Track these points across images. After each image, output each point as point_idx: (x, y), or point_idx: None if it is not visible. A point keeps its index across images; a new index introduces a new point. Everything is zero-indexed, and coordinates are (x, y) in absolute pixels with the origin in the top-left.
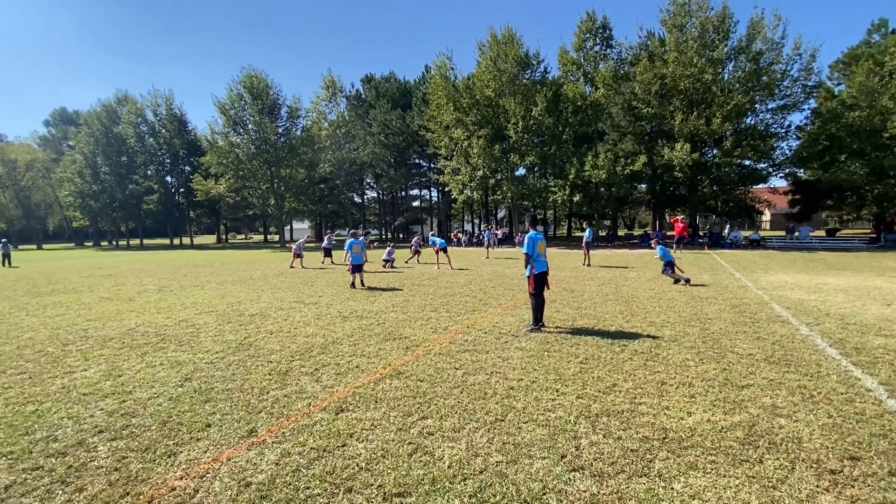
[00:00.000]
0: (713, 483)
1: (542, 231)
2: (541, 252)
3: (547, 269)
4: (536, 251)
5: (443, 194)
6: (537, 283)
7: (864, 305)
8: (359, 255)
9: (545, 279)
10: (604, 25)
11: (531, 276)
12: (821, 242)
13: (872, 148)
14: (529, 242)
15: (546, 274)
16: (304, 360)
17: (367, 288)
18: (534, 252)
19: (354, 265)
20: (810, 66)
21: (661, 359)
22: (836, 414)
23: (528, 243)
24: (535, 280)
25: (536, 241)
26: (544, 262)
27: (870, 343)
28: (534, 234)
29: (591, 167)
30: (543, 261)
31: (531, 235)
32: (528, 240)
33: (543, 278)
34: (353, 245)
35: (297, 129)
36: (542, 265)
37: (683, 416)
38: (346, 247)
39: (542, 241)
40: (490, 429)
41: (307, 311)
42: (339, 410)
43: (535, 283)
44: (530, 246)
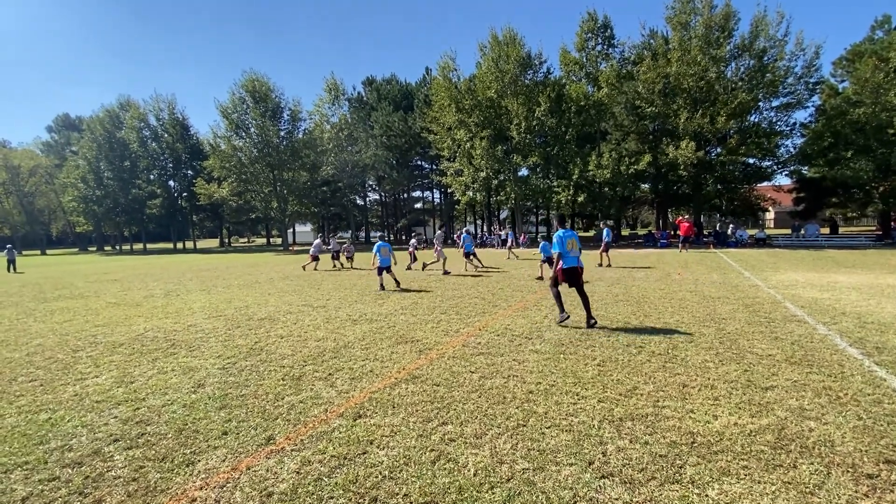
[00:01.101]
0: (749, 490)
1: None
2: (569, 249)
3: (578, 265)
4: (566, 248)
5: (445, 196)
6: (565, 277)
7: (879, 304)
8: (387, 258)
9: (574, 273)
10: (605, 25)
11: (559, 271)
12: (827, 240)
13: (879, 144)
14: (558, 241)
15: (576, 269)
16: (316, 364)
17: (400, 290)
18: (563, 249)
19: (382, 267)
20: (814, 63)
21: (679, 360)
22: (866, 416)
23: (556, 242)
24: (564, 274)
25: (566, 238)
26: (574, 259)
27: (891, 342)
28: (562, 232)
29: (595, 167)
30: (573, 257)
31: (559, 234)
32: (556, 238)
33: (572, 272)
34: (382, 248)
35: (300, 131)
36: (571, 261)
37: (709, 419)
38: (374, 250)
39: (573, 237)
40: (513, 434)
41: (316, 315)
42: (357, 416)
43: (562, 277)
44: (560, 244)
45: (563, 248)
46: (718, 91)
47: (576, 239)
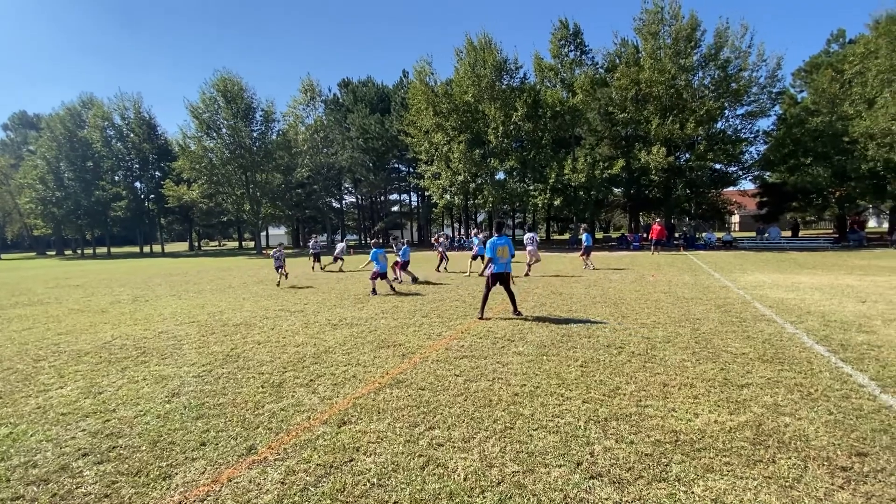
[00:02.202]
0: (732, 485)
1: (508, 236)
2: (499, 255)
3: (505, 271)
4: (496, 254)
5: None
6: (493, 281)
7: (840, 303)
8: (384, 263)
9: (501, 277)
10: (576, 32)
11: (489, 275)
12: (789, 243)
13: (835, 152)
14: (491, 247)
15: (503, 274)
16: (297, 370)
17: (395, 293)
18: (493, 255)
19: (380, 273)
20: (775, 73)
21: (659, 360)
22: (836, 410)
23: (489, 247)
24: (492, 277)
25: (497, 245)
26: (502, 265)
27: (853, 339)
28: (496, 239)
29: (571, 171)
30: (501, 263)
31: (493, 241)
32: (489, 244)
33: (499, 276)
34: (380, 254)
35: (273, 133)
36: (500, 266)
37: (691, 417)
38: (371, 256)
39: (504, 245)
40: (501, 437)
41: (294, 320)
42: (342, 423)
43: (491, 280)
44: (491, 250)
45: (493, 254)
46: (687, 99)
47: (508, 246)
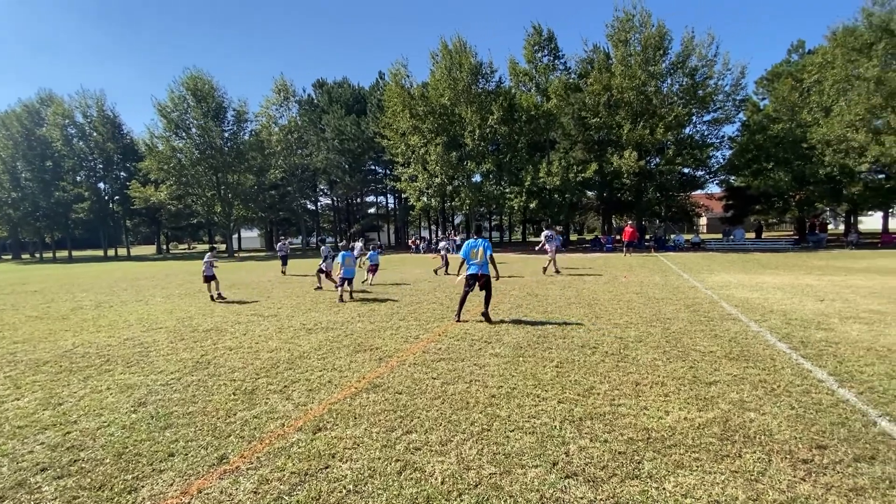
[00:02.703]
0: (701, 480)
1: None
2: (472, 257)
3: (478, 272)
4: (469, 256)
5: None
6: (467, 283)
7: (801, 302)
8: (351, 268)
9: (475, 278)
10: (550, 38)
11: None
12: (753, 244)
13: (795, 157)
14: (466, 249)
15: (476, 275)
16: (270, 377)
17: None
18: (467, 257)
19: (345, 278)
20: (739, 81)
21: (631, 360)
22: (798, 405)
23: (464, 249)
24: (467, 278)
25: (473, 247)
26: (476, 266)
27: (812, 337)
28: (472, 241)
29: (546, 174)
30: (475, 264)
31: (469, 243)
32: (465, 246)
33: (473, 277)
34: (346, 257)
35: (245, 133)
36: (473, 268)
37: (662, 415)
38: (338, 259)
39: (479, 247)
40: (478, 440)
41: (267, 325)
42: (317, 429)
43: (466, 282)
44: (465, 252)
45: (466, 255)
46: (657, 105)
47: (483, 248)
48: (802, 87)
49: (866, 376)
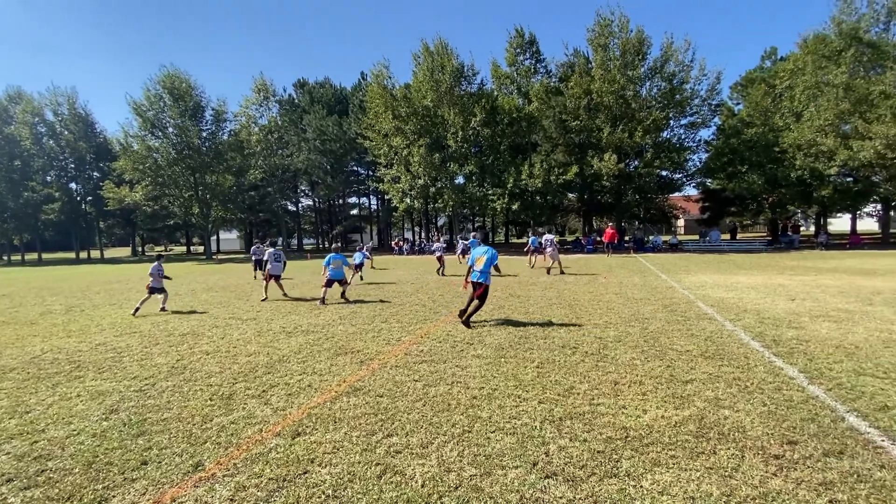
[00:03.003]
0: (677, 477)
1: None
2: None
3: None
4: (474, 262)
5: (383, 202)
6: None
7: (773, 301)
8: (339, 270)
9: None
10: (531, 41)
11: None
12: (728, 245)
13: (767, 161)
14: (472, 255)
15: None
16: (248, 381)
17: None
18: (472, 263)
19: (333, 279)
20: (715, 87)
21: (610, 359)
22: (770, 402)
23: (471, 256)
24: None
25: (479, 255)
26: (475, 274)
27: (784, 335)
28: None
29: (528, 176)
30: (476, 271)
31: (476, 250)
32: (472, 253)
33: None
34: (333, 259)
35: (224, 133)
36: (474, 275)
37: (640, 413)
38: (324, 262)
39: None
40: (459, 441)
41: (246, 328)
42: (296, 434)
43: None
44: (472, 258)
45: (472, 262)
46: (635, 108)
47: (487, 257)
48: (775, 92)
49: (835, 373)
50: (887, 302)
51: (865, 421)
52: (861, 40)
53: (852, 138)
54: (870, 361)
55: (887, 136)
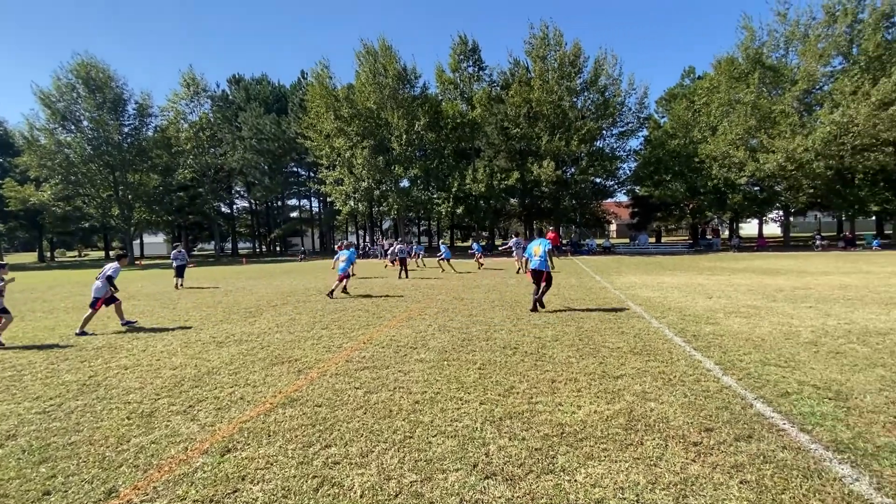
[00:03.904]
0: (608, 469)
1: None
2: (534, 253)
3: (537, 268)
4: (531, 253)
5: (325, 204)
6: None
7: (694, 300)
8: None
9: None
10: (474, 49)
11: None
12: (655, 248)
13: (688, 170)
14: (530, 247)
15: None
16: (173, 396)
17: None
18: (529, 254)
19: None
20: (643, 100)
21: (548, 358)
22: (690, 393)
23: (530, 247)
24: (531, 273)
25: (533, 245)
26: (536, 261)
27: (703, 331)
28: (535, 240)
29: (471, 181)
30: (536, 260)
31: (533, 242)
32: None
33: (535, 273)
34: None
35: (149, 128)
36: (534, 263)
37: (575, 409)
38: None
39: (538, 245)
40: (400, 448)
41: (171, 339)
42: (225, 451)
43: (529, 275)
44: (528, 250)
45: (530, 253)
46: (572, 119)
47: (543, 247)
48: (694, 107)
49: (745, 364)
50: (788, 298)
51: (770, 406)
52: (764, 64)
53: (759, 151)
54: (773, 352)
55: (787, 150)
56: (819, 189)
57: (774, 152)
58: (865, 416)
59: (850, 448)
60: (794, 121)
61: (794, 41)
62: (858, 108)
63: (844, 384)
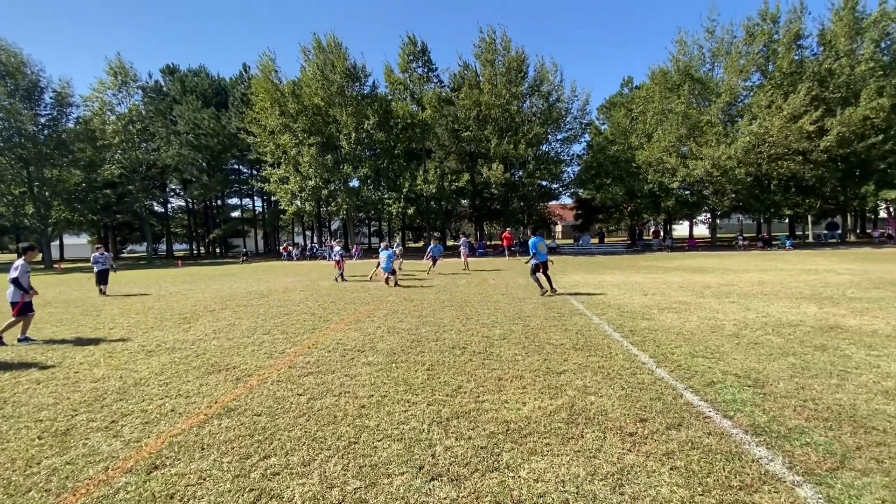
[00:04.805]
0: (551, 464)
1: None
2: (542, 250)
3: (546, 259)
4: (539, 249)
5: (269, 204)
6: (540, 268)
7: (631, 297)
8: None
9: (545, 265)
10: (423, 50)
11: (536, 264)
12: (597, 248)
13: (626, 175)
14: (533, 243)
15: (545, 262)
16: (93, 412)
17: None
18: (537, 250)
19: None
20: (585, 107)
21: (495, 356)
22: (627, 386)
23: (532, 244)
24: (537, 267)
25: (537, 242)
26: (544, 255)
27: (639, 326)
28: (536, 238)
29: (423, 182)
30: (543, 253)
31: (534, 240)
32: (532, 242)
33: (544, 265)
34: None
35: (70, 120)
36: (542, 256)
37: (520, 406)
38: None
39: (542, 242)
40: (343, 454)
41: (93, 349)
42: (152, 468)
43: (534, 268)
44: (534, 245)
45: (535, 248)
46: (519, 123)
47: (543, 242)
48: (632, 115)
49: (676, 356)
50: (714, 294)
51: (697, 396)
52: (693, 77)
53: (689, 158)
54: (701, 345)
55: (713, 157)
56: (741, 194)
57: (702, 159)
58: (779, 401)
59: (766, 431)
60: (719, 130)
61: (719, 57)
62: (773, 120)
63: (761, 372)
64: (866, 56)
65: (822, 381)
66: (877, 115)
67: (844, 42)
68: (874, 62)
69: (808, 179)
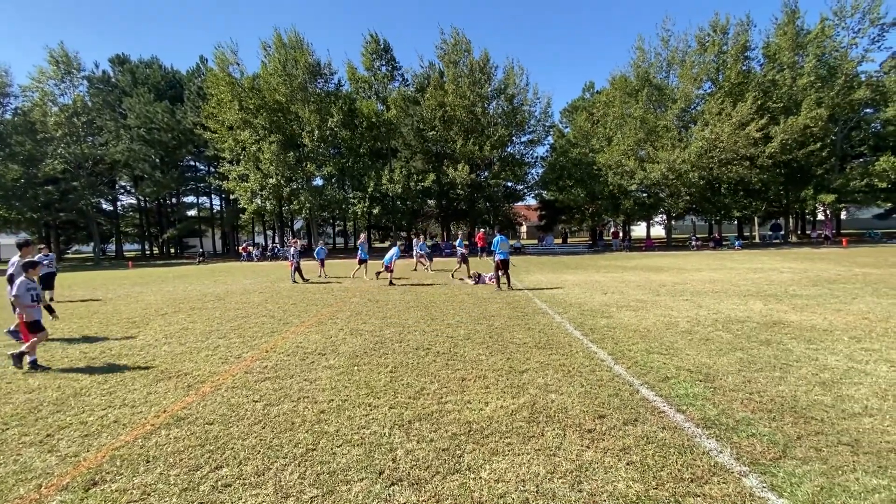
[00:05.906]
0: (511, 463)
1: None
2: (503, 248)
3: (507, 258)
4: (500, 248)
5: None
6: (500, 266)
7: (591, 296)
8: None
9: (506, 263)
10: (386, 48)
11: (497, 262)
12: (560, 248)
13: (588, 177)
14: (495, 242)
15: (506, 260)
16: (25, 425)
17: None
18: (497, 248)
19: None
20: (547, 110)
21: (459, 357)
22: (586, 383)
23: (494, 242)
24: (499, 264)
25: (500, 241)
26: (504, 253)
27: (598, 324)
28: (499, 237)
29: (388, 181)
30: (504, 252)
31: (497, 238)
32: (495, 241)
33: (504, 262)
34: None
35: (7, 111)
36: (503, 254)
37: (482, 406)
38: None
39: (505, 241)
40: (301, 462)
41: (26, 358)
42: (91, 485)
43: (498, 266)
44: (496, 244)
45: (496, 247)
46: (484, 124)
47: (506, 242)
48: (593, 119)
49: (633, 353)
50: (669, 293)
51: (653, 391)
52: (651, 83)
53: (646, 162)
54: (656, 341)
55: (669, 161)
56: (694, 196)
57: (658, 163)
58: (728, 394)
59: (715, 424)
60: (674, 135)
61: (674, 65)
62: (723, 127)
63: (712, 367)
64: (807, 69)
65: (767, 374)
66: (815, 125)
67: (788, 55)
68: (814, 75)
69: (754, 183)
